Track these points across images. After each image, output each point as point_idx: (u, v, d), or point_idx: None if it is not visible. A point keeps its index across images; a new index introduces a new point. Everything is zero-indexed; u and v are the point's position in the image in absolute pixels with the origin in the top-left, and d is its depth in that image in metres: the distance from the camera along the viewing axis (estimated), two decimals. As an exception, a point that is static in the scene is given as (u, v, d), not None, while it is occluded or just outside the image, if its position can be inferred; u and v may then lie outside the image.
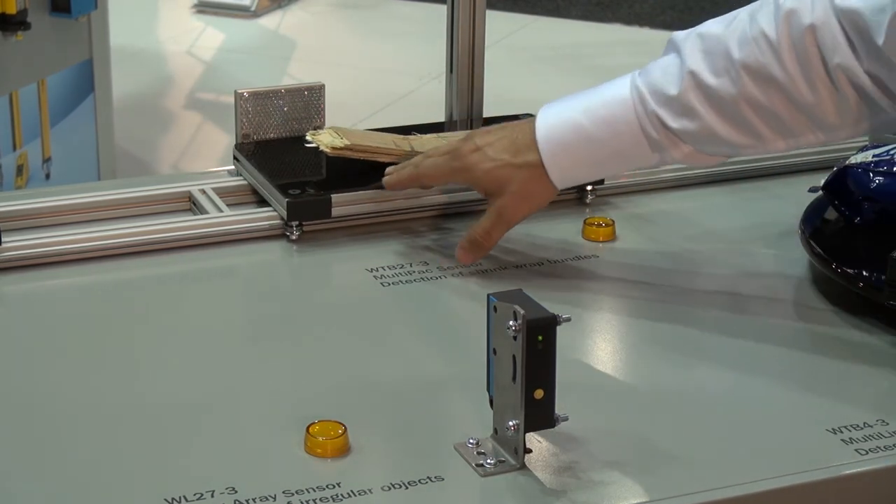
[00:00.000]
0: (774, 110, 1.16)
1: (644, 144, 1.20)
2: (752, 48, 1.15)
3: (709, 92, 1.17)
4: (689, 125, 1.18)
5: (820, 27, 1.12)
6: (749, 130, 1.18)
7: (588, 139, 1.22)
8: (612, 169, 1.27)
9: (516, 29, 5.08)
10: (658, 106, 1.19)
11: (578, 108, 1.22)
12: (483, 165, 1.26)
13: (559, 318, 0.97)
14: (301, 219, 1.35)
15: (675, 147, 1.20)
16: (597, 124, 1.21)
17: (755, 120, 1.17)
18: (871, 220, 1.27)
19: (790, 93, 1.15)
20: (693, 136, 1.19)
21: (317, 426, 1.02)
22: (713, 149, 1.20)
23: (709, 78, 1.16)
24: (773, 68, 1.14)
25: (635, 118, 1.20)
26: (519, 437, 0.99)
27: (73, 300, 1.26)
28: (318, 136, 1.40)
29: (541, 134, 1.24)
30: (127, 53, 4.59)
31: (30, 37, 2.95)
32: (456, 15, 1.54)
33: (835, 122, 1.16)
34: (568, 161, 1.23)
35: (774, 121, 1.16)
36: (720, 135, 1.18)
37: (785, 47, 1.13)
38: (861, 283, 1.22)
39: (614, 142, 1.21)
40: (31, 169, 3.09)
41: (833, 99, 1.14)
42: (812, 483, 1.01)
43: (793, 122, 1.16)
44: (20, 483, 0.99)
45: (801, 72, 1.14)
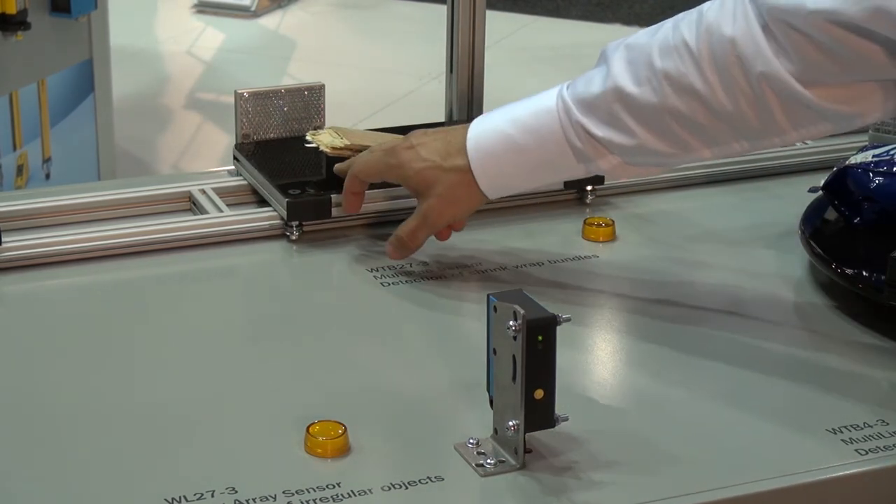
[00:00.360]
0: (696, 119, 1.14)
1: (569, 154, 1.20)
2: (673, 58, 1.14)
3: (631, 101, 1.16)
4: (613, 135, 1.17)
5: (741, 38, 1.11)
6: (673, 139, 1.16)
7: (515, 148, 1.22)
8: (542, 178, 1.24)
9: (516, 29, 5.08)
10: (582, 115, 1.18)
11: (507, 118, 1.23)
12: (414, 164, 1.26)
13: (559, 318, 0.97)
14: (301, 219, 1.36)
15: (601, 157, 1.19)
16: (522, 133, 1.21)
17: (678, 129, 1.16)
18: (870, 220, 1.27)
19: (710, 103, 1.13)
20: (618, 147, 1.18)
21: (317, 426, 1.02)
22: (640, 159, 1.19)
23: (631, 87, 1.16)
24: (693, 78, 1.13)
25: (560, 127, 1.19)
26: (519, 437, 0.99)
27: (73, 300, 1.26)
28: (318, 136, 1.40)
29: (470, 142, 1.24)
30: (127, 53, 4.59)
31: (30, 37, 2.95)
32: (456, 15, 1.54)
33: (759, 131, 1.14)
34: (495, 169, 1.23)
35: (697, 130, 1.15)
36: (645, 144, 1.17)
37: (705, 58, 1.12)
38: (861, 283, 1.22)
39: (540, 151, 1.21)
40: (31, 169, 3.09)
41: (754, 109, 1.12)
42: (812, 483, 1.01)
43: (715, 131, 1.15)
44: (20, 483, 0.99)
45: (720, 82, 1.12)
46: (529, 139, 1.21)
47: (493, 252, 1.35)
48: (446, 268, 1.32)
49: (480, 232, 1.39)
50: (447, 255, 1.34)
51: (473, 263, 1.33)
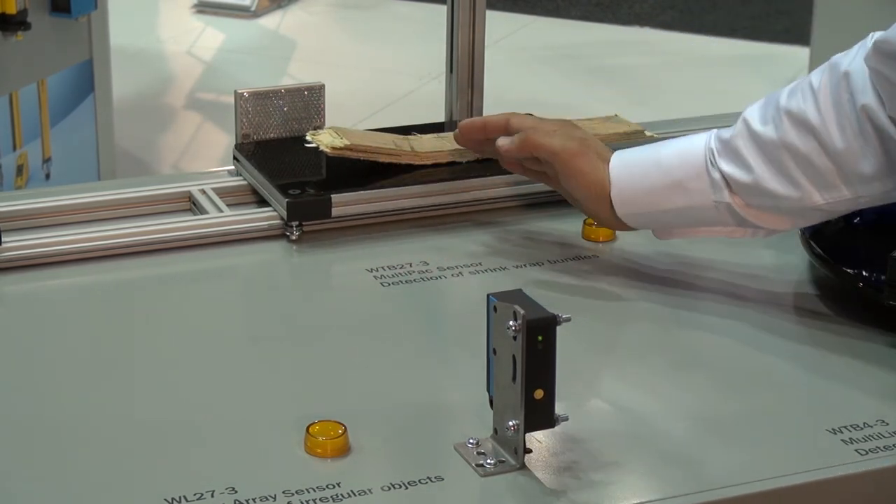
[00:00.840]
0: (809, 157, 1.17)
1: (704, 179, 1.22)
2: (797, 96, 1.18)
3: (755, 137, 1.19)
4: (734, 170, 1.20)
5: (854, 72, 1.15)
6: (787, 178, 1.18)
7: (656, 162, 1.24)
8: (670, 200, 1.24)
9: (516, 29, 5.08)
10: (716, 146, 1.22)
11: (657, 143, 1.26)
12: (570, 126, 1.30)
13: (559, 317, 0.97)
14: (301, 219, 1.36)
15: (728, 191, 1.21)
16: (668, 151, 1.24)
17: (792, 166, 1.18)
18: (870, 220, 1.27)
19: (822, 137, 1.16)
20: (737, 183, 1.20)
21: (317, 426, 1.02)
22: (756, 200, 1.20)
23: (758, 125, 1.19)
24: (811, 113, 1.16)
25: (703, 152, 1.22)
26: (519, 437, 0.99)
27: (73, 300, 1.26)
28: (318, 136, 1.40)
29: (616, 154, 1.27)
30: (127, 53, 4.59)
31: (30, 37, 2.95)
32: (456, 15, 1.54)
33: (864, 172, 1.15)
34: (630, 177, 1.24)
35: (810, 169, 1.17)
36: (761, 182, 1.19)
37: (822, 93, 1.16)
38: (861, 283, 1.22)
39: (678, 170, 1.23)
40: (31, 169, 3.09)
41: (860, 144, 1.15)
42: (812, 483, 1.01)
43: (826, 171, 1.17)
44: (20, 483, 0.99)
45: (833, 116, 1.15)
46: (673, 157, 1.23)
47: (492, 252, 1.35)
48: (446, 268, 1.32)
49: (480, 232, 1.39)
50: (447, 254, 1.34)
51: (473, 263, 1.33)
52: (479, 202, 1.43)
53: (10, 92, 2.99)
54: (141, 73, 4.49)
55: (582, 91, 4.41)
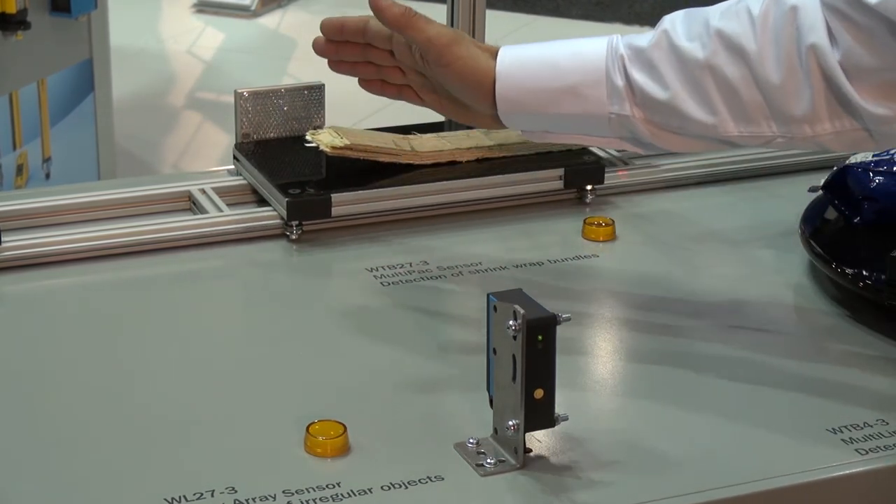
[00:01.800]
0: (735, 85, 1.11)
1: (602, 85, 1.14)
2: (731, 19, 1.11)
3: (676, 52, 1.12)
4: (647, 82, 1.13)
5: (802, 7, 1.08)
6: (705, 102, 1.12)
7: (550, 63, 1.16)
8: (563, 105, 1.15)
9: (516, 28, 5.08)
10: (627, 54, 1.14)
11: (556, 42, 1.18)
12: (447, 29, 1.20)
13: (559, 317, 0.97)
14: (301, 218, 1.35)
15: (630, 103, 1.14)
16: (564, 52, 1.16)
17: (714, 92, 1.11)
18: (871, 219, 1.27)
19: (755, 68, 1.10)
20: (647, 97, 1.13)
21: (317, 426, 1.02)
22: (663, 118, 1.14)
23: (680, 39, 1.12)
24: (746, 39, 1.10)
25: (604, 57, 1.15)
26: (519, 436, 0.99)
27: (72, 300, 1.26)
28: (318, 135, 1.40)
29: (505, 48, 1.18)
30: (127, 53, 4.59)
31: (30, 36, 2.95)
32: (456, 14, 1.54)
33: (794, 113, 1.10)
34: (520, 73, 1.16)
35: (733, 98, 1.11)
36: (675, 101, 1.12)
37: (763, 22, 1.10)
38: (861, 282, 1.22)
39: (574, 75, 1.15)
40: (31, 168, 3.09)
41: (796, 82, 1.09)
42: (812, 483, 1.01)
43: (751, 103, 1.11)
44: (20, 482, 0.99)
45: (772, 48, 1.09)
46: (569, 59, 1.15)
47: (492, 252, 1.34)
48: (445, 268, 1.32)
49: (480, 232, 1.39)
50: (447, 254, 1.34)
51: (473, 263, 1.32)
52: (479, 202, 1.42)
53: (10, 91, 2.99)
54: (141, 72, 4.49)
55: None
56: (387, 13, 1.20)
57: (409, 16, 1.19)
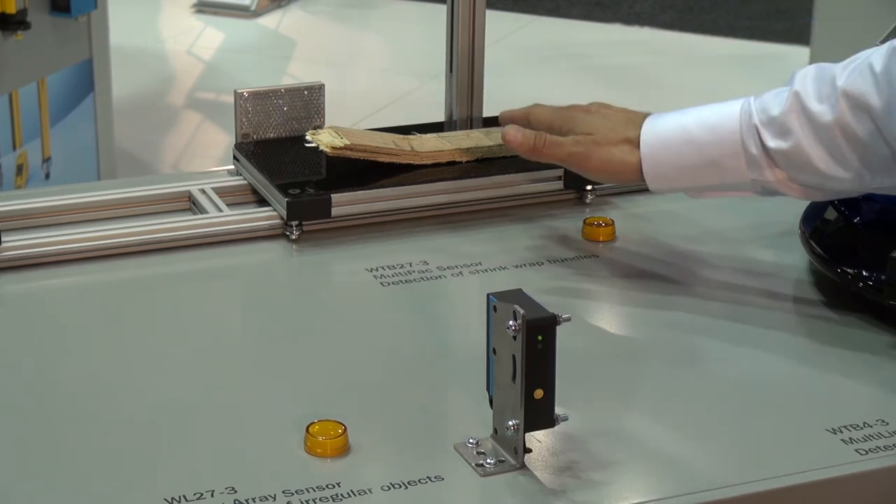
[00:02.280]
0: (866, 141, 1.15)
1: (741, 157, 1.20)
2: (856, 77, 1.15)
3: (808, 115, 1.17)
4: (783, 145, 1.18)
5: None
6: (840, 160, 1.17)
7: (689, 140, 1.22)
8: (707, 178, 1.23)
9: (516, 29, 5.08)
10: (761, 122, 1.19)
11: (688, 114, 1.24)
12: (588, 117, 1.28)
13: (559, 317, 0.97)
14: (301, 218, 1.35)
15: (769, 168, 1.20)
16: (701, 127, 1.22)
17: (846, 149, 1.16)
18: (870, 219, 1.27)
19: (881, 124, 1.14)
20: (786, 158, 1.18)
21: (317, 426, 1.02)
22: (804, 177, 1.19)
23: (811, 102, 1.17)
24: (871, 97, 1.14)
25: (738, 129, 1.20)
26: (519, 436, 0.99)
27: (72, 300, 1.26)
28: (318, 135, 1.40)
29: (648, 123, 1.24)
30: (127, 53, 4.59)
31: (29, 36, 2.95)
32: (456, 15, 1.54)
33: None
34: (663, 154, 1.23)
35: (865, 153, 1.15)
36: (812, 161, 1.17)
37: (887, 78, 1.13)
38: (861, 282, 1.22)
39: (713, 149, 1.21)
40: (31, 168, 3.09)
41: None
42: (812, 483, 1.01)
43: (882, 156, 1.15)
44: (20, 482, 0.99)
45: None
46: (706, 133, 1.21)
47: (492, 252, 1.34)
48: (445, 268, 1.32)
49: (480, 232, 1.39)
50: (447, 254, 1.34)
51: (473, 263, 1.33)
52: (479, 202, 1.42)
53: (9, 91, 2.99)
54: (141, 72, 4.49)
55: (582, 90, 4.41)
56: (519, 147, 1.30)
57: (540, 145, 1.28)
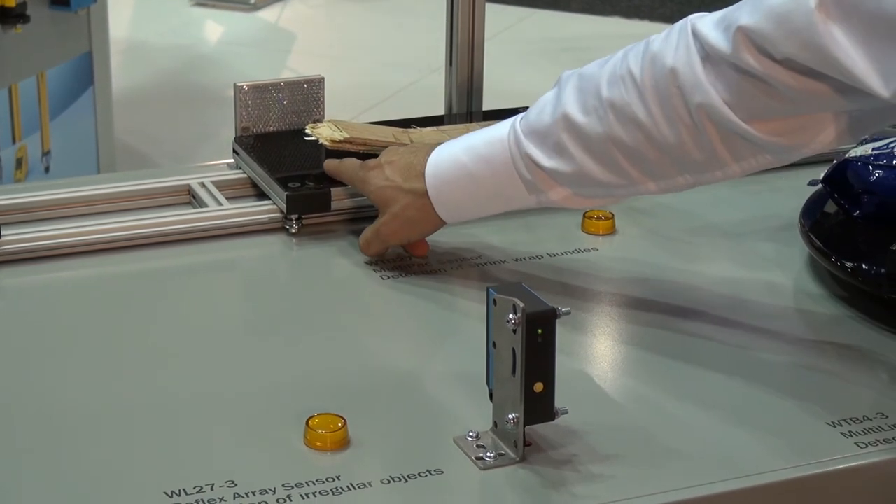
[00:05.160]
0: (639, 150, 1.14)
1: (520, 185, 1.20)
2: (619, 87, 1.14)
3: (578, 130, 1.16)
4: (560, 165, 1.17)
5: (681, 68, 1.10)
6: (618, 170, 1.16)
7: (469, 177, 1.23)
8: (496, 207, 1.25)
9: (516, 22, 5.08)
10: (530, 145, 1.18)
11: (464, 146, 1.24)
12: (376, 181, 1.29)
13: (559, 311, 0.97)
14: (300, 212, 1.35)
15: (551, 189, 1.19)
16: (476, 162, 1.22)
17: (622, 160, 1.15)
18: (870, 213, 1.27)
19: (652, 134, 1.13)
20: (566, 177, 1.18)
21: (316, 419, 1.02)
22: (588, 190, 1.19)
23: (579, 116, 1.16)
24: (637, 108, 1.13)
25: (510, 158, 1.20)
26: (518, 430, 0.99)
27: (72, 293, 1.26)
28: (318, 129, 1.40)
29: (429, 168, 1.25)
30: (126, 46, 4.58)
31: (29, 30, 2.94)
32: (455, 8, 1.54)
33: (701, 163, 1.13)
34: (450, 196, 1.24)
35: (641, 161, 1.15)
36: (591, 174, 1.17)
37: (648, 88, 1.12)
38: (860, 276, 1.22)
39: (492, 182, 1.21)
40: (31, 162, 3.09)
41: (695, 140, 1.12)
42: (812, 476, 1.01)
43: (658, 163, 1.15)
44: (22, 474, 0.99)
45: (662, 113, 1.12)
46: (482, 168, 1.22)
47: (492, 245, 1.34)
48: (445, 261, 1.32)
49: (479, 225, 1.39)
50: (446, 248, 1.34)
51: (473, 257, 1.33)
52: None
53: (9, 85, 2.98)
54: (140, 65, 4.48)
55: (581, 84, 4.40)
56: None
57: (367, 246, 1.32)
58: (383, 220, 1.28)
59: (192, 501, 0.96)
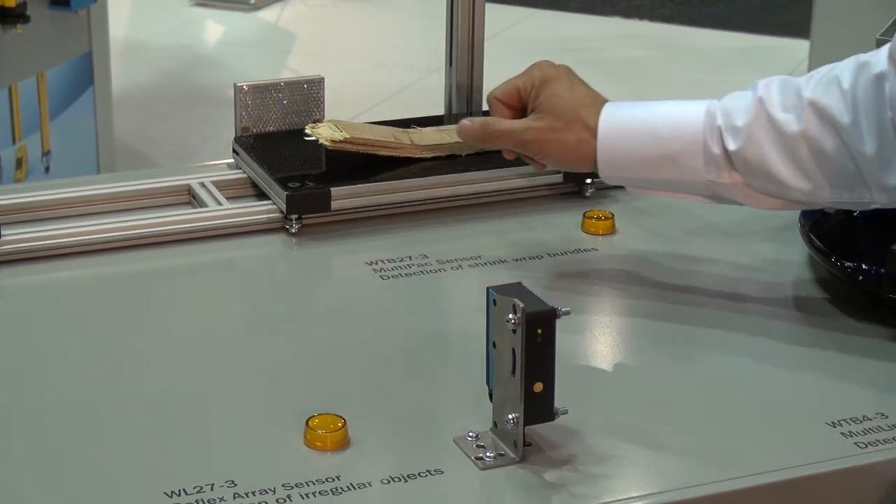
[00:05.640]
0: (830, 156, 1.14)
1: (699, 156, 1.18)
2: (823, 90, 1.14)
3: (773, 123, 1.16)
4: (745, 150, 1.16)
5: (888, 75, 1.10)
6: (802, 171, 1.16)
7: (649, 131, 1.19)
8: (660, 173, 1.20)
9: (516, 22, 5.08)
10: (724, 125, 1.17)
11: (652, 106, 1.21)
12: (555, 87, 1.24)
13: (559, 311, 0.97)
14: (300, 212, 1.35)
15: (727, 170, 1.18)
16: (663, 120, 1.19)
17: (809, 161, 1.15)
18: (870, 213, 1.27)
19: (848, 140, 1.13)
20: (746, 164, 1.17)
21: (316, 419, 1.02)
22: (762, 184, 1.17)
23: (776, 110, 1.16)
24: (839, 111, 1.13)
25: (701, 128, 1.18)
26: (518, 430, 0.99)
27: (72, 293, 1.26)
28: (318, 129, 1.40)
29: (606, 112, 1.21)
30: (126, 46, 4.58)
31: (29, 30, 2.94)
32: (455, 8, 1.54)
33: (888, 183, 1.12)
34: (620, 142, 1.20)
35: (828, 167, 1.14)
36: (772, 169, 1.16)
37: (854, 94, 1.12)
38: (860, 276, 1.22)
39: (673, 143, 1.18)
40: (31, 162, 3.09)
41: (891, 154, 1.11)
42: (812, 476, 1.01)
43: (846, 171, 1.14)
44: (21, 475, 0.99)
45: (864, 120, 1.12)
46: (667, 128, 1.19)
47: (492, 245, 1.34)
48: (445, 261, 1.32)
49: (479, 225, 1.39)
50: (446, 248, 1.34)
51: (472, 256, 1.33)
52: (479, 195, 1.42)
53: (9, 85, 2.98)
54: (140, 65, 4.48)
55: (581, 84, 4.40)
56: (468, 138, 1.26)
57: (488, 135, 1.24)
58: (542, 132, 1.21)
59: (192, 501, 0.96)
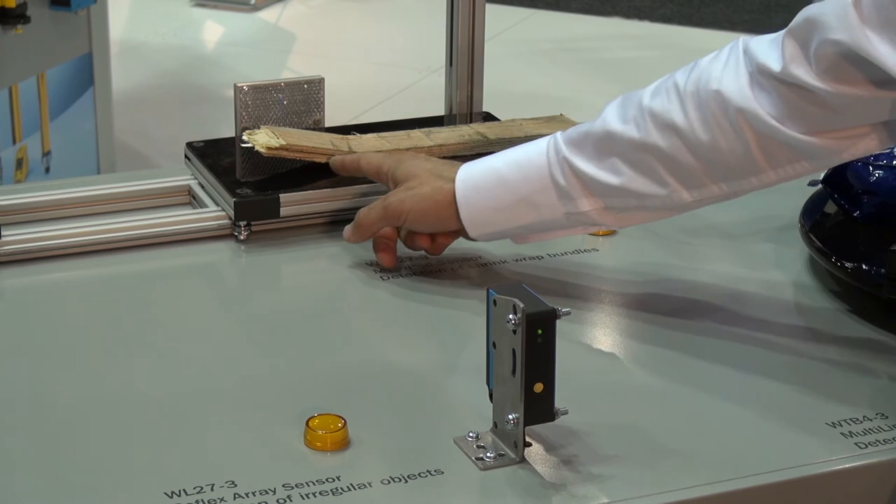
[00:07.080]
0: (675, 156, 1.14)
1: (552, 191, 1.19)
2: (661, 97, 1.15)
3: (617, 137, 1.16)
4: (596, 171, 1.17)
5: (726, 79, 1.12)
6: (653, 178, 1.16)
7: (499, 180, 1.22)
8: (522, 217, 1.22)
9: (516, 22, 5.08)
10: (569, 151, 1.19)
11: (499, 156, 1.24)
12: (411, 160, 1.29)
13: (559, 311, 0.97)
14: (250, 218, 1.34)
15: (582, 197, 1.19)
16: (509, 165, 1.22)
17: (658, 167, 1.15)
18: (870, 213, 1.27)
19: (688, 138, 1.13)
20: (600, 186, 1.18)
21: (316, 420, 1.02)
22: (619, 201, 1.18)
23: (618, 125, 1.16)
24: (675, 114, 1.14)
25: (545, 162, 1.20)
26: (518, 430, 0.99)
27: (72, 294, 1.26)
28: (254, 135, 1.38)
29: (462, 170, 1.24)
30: (127, 47, 4.58)
31: (29, 30, 2.94)
32: (456, 8, 1.54)
33: (736, 169, 1.13)
34: (477, 199, 1.23)
35: (676, 168, 1.15)
36: (626, 184, 1.17)
37: (689, 95, 1.13)
38: (860, 276, 1.22)
39: (523, 186, 1.20)
40: (31, 162, 3.09)
41: (728, 141, 1.12)
42: (812, 477, 1.01)
43: (693, 170, 1.15)
44: (21, 475, 0.99)
45: (699, 117, 1.13)
46: (515, 171, 1.21)
47: (492, 245, 1.34)
48: (446, 261, 1.32)
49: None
50: (447, 249, 1.34)
51: (473, 257, 1.33)
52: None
53: (9, 85, 2.99)
54: (141, 66, 4.48)
55: (581, 84, 4.40)
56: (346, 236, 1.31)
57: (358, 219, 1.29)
58: (398, 193, 1.26)
59: (192, 501, 0.96)
